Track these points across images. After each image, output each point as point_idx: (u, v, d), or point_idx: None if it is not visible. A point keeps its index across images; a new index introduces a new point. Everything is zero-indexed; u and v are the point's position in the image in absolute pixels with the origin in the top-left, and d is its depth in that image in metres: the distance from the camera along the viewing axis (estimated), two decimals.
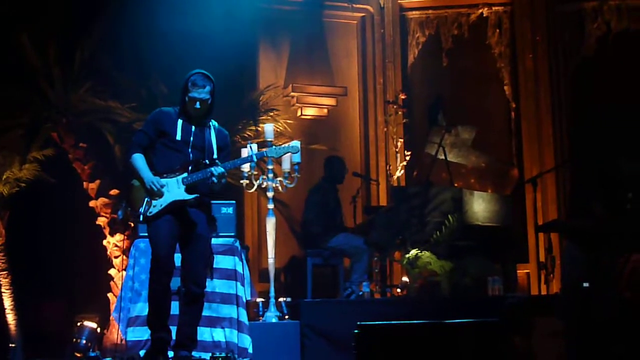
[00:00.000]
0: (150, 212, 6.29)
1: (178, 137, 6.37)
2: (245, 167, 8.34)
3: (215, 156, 6.41)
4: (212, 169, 6.29)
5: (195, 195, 6.33)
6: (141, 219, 6.33)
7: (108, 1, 10.22)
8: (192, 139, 6.40)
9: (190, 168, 6.33)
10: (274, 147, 7.12)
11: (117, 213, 9.94)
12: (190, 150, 6.39)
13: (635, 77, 11.21)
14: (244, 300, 7.79)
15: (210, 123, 6.51)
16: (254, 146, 7.76)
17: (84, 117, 10.22)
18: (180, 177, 6.32)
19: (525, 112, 11.87)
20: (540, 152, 11.62)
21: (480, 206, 10.25)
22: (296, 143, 7.75)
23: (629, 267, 8.78)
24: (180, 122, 6.41)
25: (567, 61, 11.98)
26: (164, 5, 10.01)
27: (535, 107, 11.78)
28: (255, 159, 6.94)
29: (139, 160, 6.41)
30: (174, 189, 6.32)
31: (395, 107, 11.69)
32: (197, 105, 6.36)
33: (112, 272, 10.16)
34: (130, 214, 6.49)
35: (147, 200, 6.32)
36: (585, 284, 8.71)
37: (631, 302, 8.59)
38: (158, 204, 6.29)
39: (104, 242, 10.26)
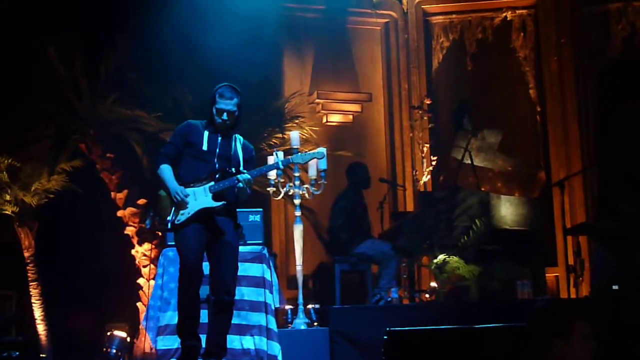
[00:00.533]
0: (178, 220, 6.32)
1: (204, 148, 6.40)
2: (272, 175, 8.35)
3: (241, 167, 6.45)
4: (239, 175, 6.32)
5: (222, 202, 6.35)
6: (169, 226, 6.36)
7: (133, 12, 10.27)
8: (218, 149, 6.43)
9: (217, 177, 6.36)
10: (299, 153, 7.14)
11: (145, 222, 10.00)
12: (216, 160, 6.42)
13: None
14: (273, 307, 7.78)
15: (236, 136, 6.55)
16: (280, 154, 7.78)
17: (111, 127, 10.29)
18: (207, 186, 6.35)
19: (551, 115, 11.83)
20: (567, 155, 11.58)
21: (507, 210, 10.21)
22: (322, 149, 7.78)
23: None
24: (206, 133, 6.45)
25: (593, 63, 11.93)
26: (189, 16, 10.07)
27: (561, 110, 11.74)
28: (281, 166, 6.95)
29: (165, 171, 6.45)
30: (201, 197, 6.34)
31: (420, 112, 11.68)
32: (225, 116, 6.40)
33: (140, 281, 10.21)
34: (158, 223, 6.53)
35: (174, 209, 6.35)
36: (615, 287, 8.69)
37: None
38: (186, 212, 6.32)
39: (133, 252, 10.32)
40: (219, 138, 6.46)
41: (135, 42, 10.21)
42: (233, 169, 6.41)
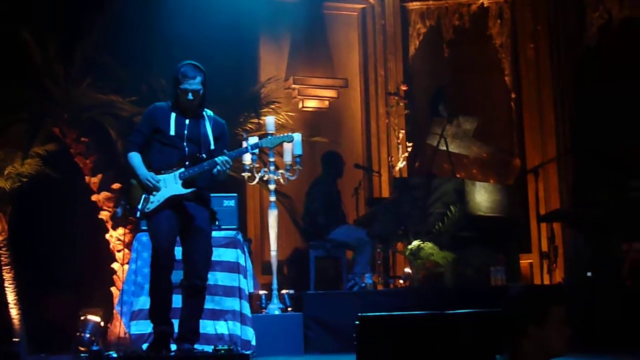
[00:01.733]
0: (147, 209, 6.29)
1: (172, 133, 6.35)
2: (247, 160, 8.35)
3: (212, 147, 6.40)
4: (217, 158, 6.27)
5: (192, 189, 6.32)
6: (138, 215, 6.34)
7: None
8: (186, 132, 6.37)
9: (187, 163, 6.32)
10: (269, 137, 7.10)
11: (116, 210, 9.97)
12: (185, 144, 6.36)
13: (638, 65, 11.19)
14: (247, 292, 7.79)
15: (205, 113, 6.48)
16: (254, 139, 7.78)
17: (86, 111, 10.23)
18: (177, 173, 6.31)
19: (527, 102, 11.87)
20: (543, 142, 11.62)
21: (482, 197, 10.24)
22: (297, 137, 7.80)
23: (631, 255, 8.82)
24: (173, 116, 6.38)
25: (569, 50, 11.94)
26: (166, 1, 10.01)
27: (537, 97, 11.77)
28: (250, 150, 6.93)
29: (134, 158, 6.41)
30: (171, 185, 6.31)
31: (396, 98, 11.68)
32: (190, 96, 6.32)
33: (115, 265, 10.18)
34: (127, 211, 6.49)
35: (144, 197, 6.32)
36: (589, 274, 8.76)
37: (633, 290, 8.63)
38: (155, 200, 6.29)
39: (107, 236, 10.28)
40: (187, 121, 6.40)
41: (111, 26, 10.15)
42: (204, 154, 6.36)
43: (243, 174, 8.51)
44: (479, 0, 12.16)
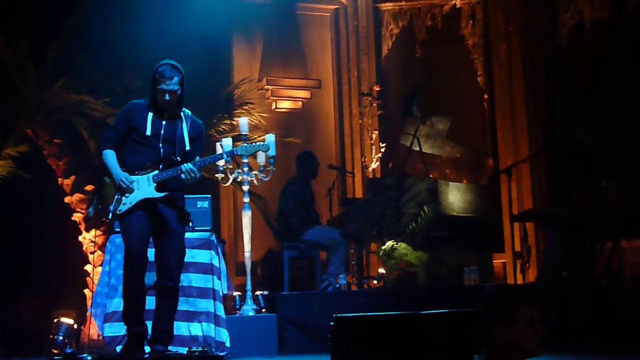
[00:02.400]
0: (119, 210, 6.28)
1: (148, 133, 6.33)
2: (221, 162, 8.31)
3: (187, 148, 6.39)
4: (182, 166, 6.27)
5: (165, 193, 6.30)
6: (110, 216, 6.32)
7: None
8: (162, 133, 6.36)
9: (161, 165, 6.31)
10: (245, 145, 7.08)
11: (88, 210, 9.92)
12: (161, 145, 6.35)
13: (609, 65, 11.28)
14: (221, 294, 7.77)
15: (182, 114, 6.46)
16: (228, 140, 7.77)
17: (58, 112, 10.17)
18: (151, 175, 6.30)
19: (499, 103, 11.92)
20: (515, 142, 11.68)
21: (455, 196, 10.28)
22: (270, 138, 7.79)
23: (604, 255, 8.87)
24: (150, 115, 6.36)
25: (541, 51, 12.01)
26: (139, 1, 9.98)
27: (510, 97, 11.83)
28: (225, 157, 6.94)
29: (109, 156, 6.39)
30: (144, 187, 6.30)
31: (369, 99, 11.71)
32: (167, 97, 6.31)
33: (88, 267, 10.13)
34: (99, 211, 6.47)
35: (117, 198, 6.30)
36: (564, 273, 8.80)
37: (606, 290, 8.68)
38: (128, 202, 6.28)
39: (80, 238, 10.24)
40: (164, 121, 6.39)
41: (84, 26, 10.11)
42: (179, 157, 6.35)
43: (217, 175, 8.48)
44: (451, 1, 12.21)
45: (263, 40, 11.88)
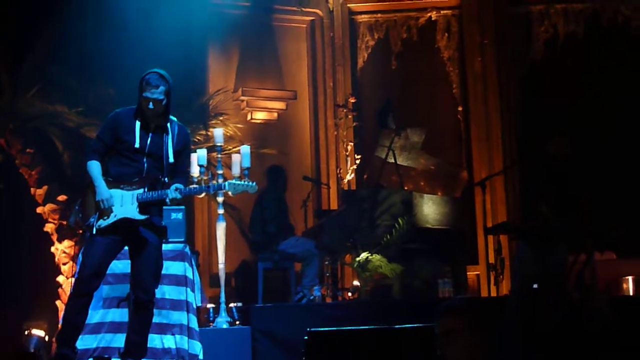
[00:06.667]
0: (99, 225, 6.18)
1: (137, 145, 6.23)
2: (195, 172, 8.28)
3: (171, 160, 6.30)
4: (169, 192, 6.18)
5: (146, 216, 6.22)
6: (94, 231, 6.20)
7: (56, 5, 10.11)
8: (148, 147, 6.27)
9: (147, 187, 6.21)
10: (232, 182, 6.86)
11: (68, 218, 9.83)
12: (145, 159, 6.26)
13: (582, 79, 11.36)
14: (194, 306, 7.74)
15: (169, 125, 6.37)
16: (202, 151, 7.74)
17: (32, 121, 10.12)
18: (136, 192, 6.19)
19: (474, 115, 11.96)
20: (489, 155, 11.72)
21: (430, 209, 10.28)
22: (245, 149, 7.76)
23: (576, 268, 8.88)
24: (138, 125, 6.27)
25: (515, 64, 12.08)
26: (113, 10, 9.95)
27: (484, 110, 11.88)
28: (212, 191, 6.92)
29: (94, 168, 6.27)
30: (127, 205, 6.18)
31: (345, 110, 11.70)
32: (151, 105, 6.21)
33: (60, 279, 10.06)
34: (79, 220, 6.37)
35: (99, 212, 6.20)
36: (535, 286, 8.81)
37: (576, 300, 8.69)
38: (108, 219, 6.17)
39: (52, 249, 10.16)
40: (150, 134, 6.30)
41: (59, 35, 10.07)
42: (166, 178, 6.27)
43: (191, 186, 8.45)
44: (427, 13, 12.24)
45: (239, 51, 11.86)
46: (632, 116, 11.26)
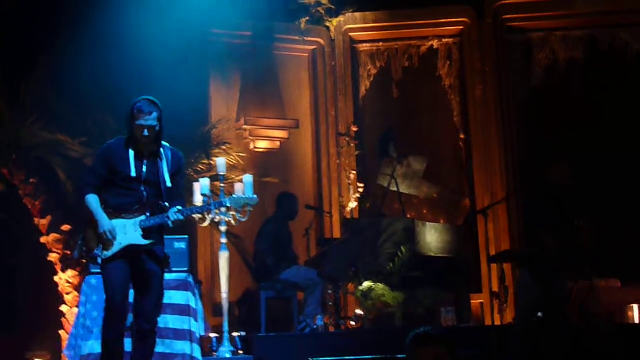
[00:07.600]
0: (104, 255, 6.17)
1: (133, 174, 6.24)
2: (198, 201, 8.29)
3: (168, 184, 6.30)
4: (170, 214, 6.19)
5: (151, 240, 6.22)
6: (99, 261, 6.20)
7: (56, 34, 10.14)
8: (144, 174, 6.28)
9: (148, 213, 6.22)
10: (234, 196, 6.93)
11: (72, 251, 9.83)
12: (142, 187, 6.27)
13: (583, 105, 11.39)
14: (198, 335, 7.73)
15: (161, 150, 6.37)
16: (204, 180, 7.75)
17: (34, 151, 10.14)
18: (138, 220, 6.19)
19: (475, 143, 11.97)
20: (491, 182, 11.72)
21: (432, 236, 10.30)
22: (248, 178, 7.78)
23: (579, 295, 8.87)
24: (132, 154, 6.28)
25: (516, 91, 12.11)
26: (113, 39, 9.98)
27: (485, 138, 11.88)
28: (213, 208, 6.93)
29: (92, 202, 6.24)
30: (131, 232, 6.18)
31: (347, 138, 11.74)
32: (145, 132, 6.19)
33: (63, 308, 10.05)
34: (83, 253, 6.36)
35: (102, 243, 6.20)
36: (539, 314, 8.79)
37: (579, 327, 8.68)
38: (113, 248, 6.16)
39: (56, 278, 10.16)
40: (145, 161, 6.31)
41: (59, 65, 10.09)
42: (166, 202, 6.27)
43: (194, 215, 8.46)
44: (428, 41, 12.29)
45: (240, 80, 11.89)
46: (632, 140, 11.29)
